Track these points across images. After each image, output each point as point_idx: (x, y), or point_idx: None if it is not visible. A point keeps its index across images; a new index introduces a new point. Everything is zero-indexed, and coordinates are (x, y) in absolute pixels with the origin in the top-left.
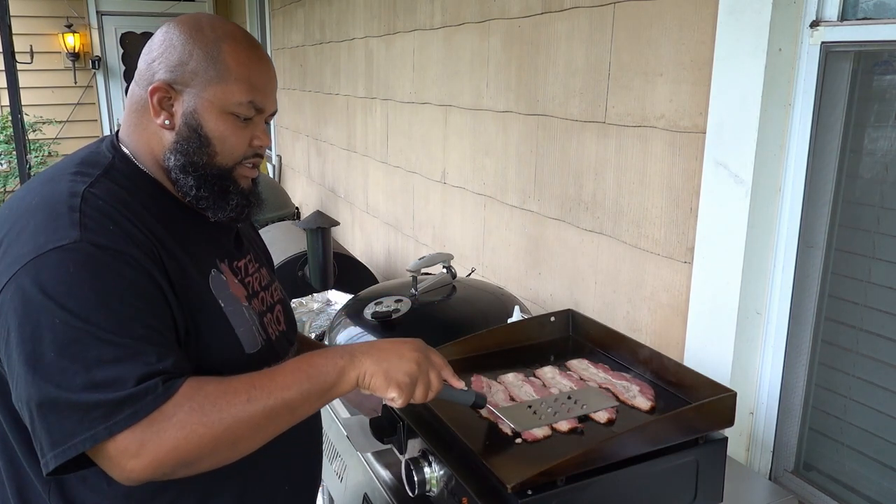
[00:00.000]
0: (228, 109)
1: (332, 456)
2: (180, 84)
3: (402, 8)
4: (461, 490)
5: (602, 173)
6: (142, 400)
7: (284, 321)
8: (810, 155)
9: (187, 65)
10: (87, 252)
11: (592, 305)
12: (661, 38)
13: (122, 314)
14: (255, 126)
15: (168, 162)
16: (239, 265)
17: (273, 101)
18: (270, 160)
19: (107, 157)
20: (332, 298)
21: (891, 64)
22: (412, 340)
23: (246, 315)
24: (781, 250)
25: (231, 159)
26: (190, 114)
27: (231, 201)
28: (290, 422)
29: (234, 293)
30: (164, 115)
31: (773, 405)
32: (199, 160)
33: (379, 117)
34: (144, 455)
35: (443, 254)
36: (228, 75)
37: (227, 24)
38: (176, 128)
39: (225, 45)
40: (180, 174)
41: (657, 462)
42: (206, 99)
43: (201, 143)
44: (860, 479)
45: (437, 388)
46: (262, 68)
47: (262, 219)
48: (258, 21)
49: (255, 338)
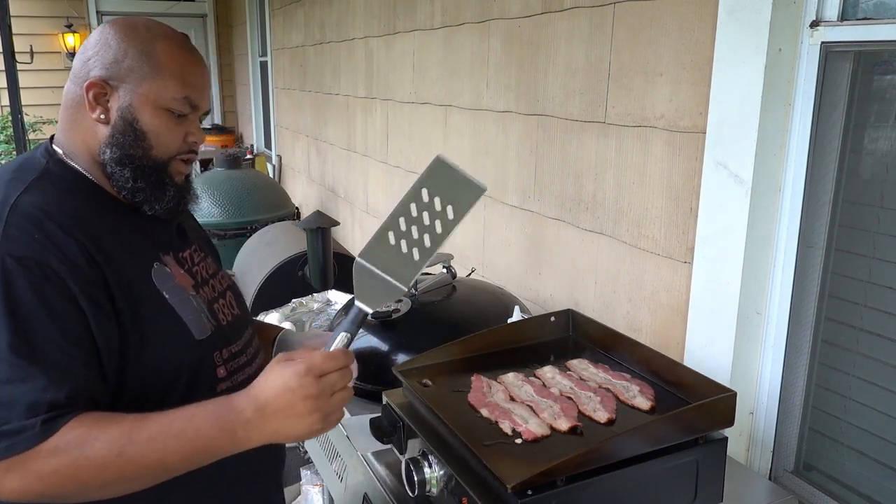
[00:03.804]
0: (163, 105)
1: (332, 456)
2: (115, 80)
3: (402, 8)
4: (461, 490)
5: (602, 173)
6: (18, 436)
7: (237, 306)
8: (810, 155)
9: (122, 62)
10: (3, 263)
11: (592, 305)
12: (661, 38)
13: (26, 332)
14: (190, 123)
15: (104, 156)
16: (184, 256)
17: (207, 100)
18: (270, 160)
19: (41, 162)
20: (332, 298)
21: (891, 64)
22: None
23: (193, 304)
24: (781, 250)
25: (166, 153)
26: (126, 108)
27: (167, 193)
28: (168, 478)
29: (181, 283)
30: (100, 110)
31: (773, 405)
32: (134, 153)
33: (379, 117)
34: (12, 482)
35: (443, 254)
36: (163, 71)
37: (162, 26)
38: (111, 122)
39: (159, 44)
40: (116, 167)
41: (657, 462)
42: (141, 94)
43: (137, 136)
44: (860, 479)
45: (347, 397)
46: (195, 67)
47: (261, 219)
48: (258, 21)
49: (205, 324)
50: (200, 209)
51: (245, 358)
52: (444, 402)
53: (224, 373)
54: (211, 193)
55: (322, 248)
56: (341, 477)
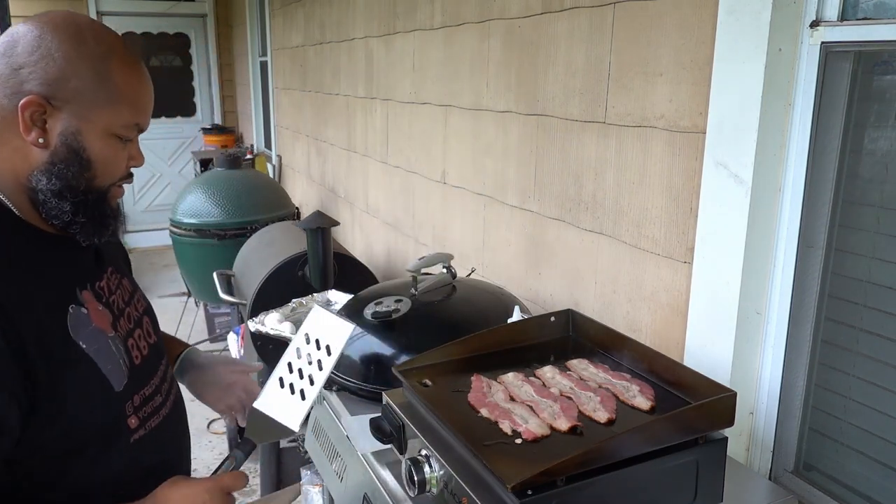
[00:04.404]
0: (114, 132)
1: (332, 456)
2: (59, 101)
3: (402, 8)
4: (461, 490)
5: (602, 173)
6: None
7: (153, 332)
8: (810, 155)
9: (69, 81)
10: None
11: (592, 305)
12: (661, 38)
13: None
14: (132, 146)
15: (38, 184)
16: (101, 286)
17: (149, 119)
18: (270, 160)
19: None
20: (332, 298)
21: (891, 64)
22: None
23: (112, 348)
24: (781, 250)
25: (109, 181)
26: (71, 135)
27: (108, 225)
28: None
29: (98, 325)
30: (37, 133)
31: (773, 405)
32: (77, 184)
33: (379, 117)
34: None
35: (443, 254)
36: (119, 97)
37: (110, 34)
38: (51, 147)
39: (114, 64)
40: (52, 198)
41: (657, 462)
42: (91, 120)
43: (82, 166)
44: (860, 479)
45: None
46: (147, 87)
47: (261, 219)
48: (258, 21)
49: (122, 371)
50: (200, 209)
51: (160, 398)
52: (444, 402)
53: (136, 422)
54: (211, 193)
55: (322, 248)
56: (341, 477)
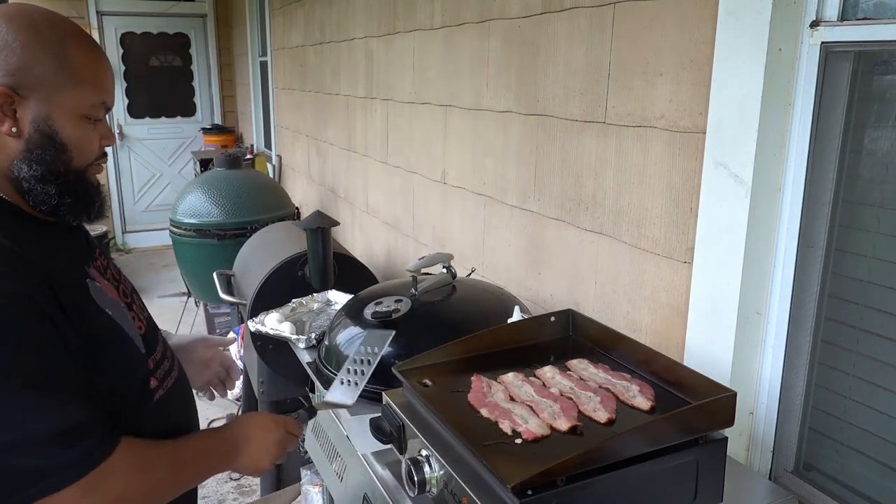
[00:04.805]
0: (82, 112)
1: (332, 456)
2: (25, 89)
3: (402, 8)
4: (461, 490)
5: (602, 173)
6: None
7: (145, 308)
8: (810, 155)
9: (31, 69)
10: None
11: (592, 305)
12: (661, 38)
13: (37, 366)
14: (102, 125)
15: (20, 172)
16: (98, 265)
17: (114, 98)
18: (270, 160)
19: None
20: (332, 298)
21: (891, 64)
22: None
23: (128, 316)
24: (781, 250)
25: (86, 161)
26: (42, 120)
27: (94, 202)
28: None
29: (111, 296)
30: (9, 123)
31: (773, 405)
32: (56, 168)
33: (379, 117)
34: None
35: (443, 254)
36: (80, 78)
37: (62, 19)
38: (25, 136)
39: (70, 47)
40: (37, 184)
41: (657, 462)
42: (58, 104)
43: (57, 150)
44: (860, 479)
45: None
46: (105, 66)
47: (261, 219)
48: (258, 21)
49: (138, 336)
50: (200, 209)
51: (168, 363)
52: (444, 402)
53: (156, 383)
54: (211, 193)
55: (322, 248)
56: (341, 477)
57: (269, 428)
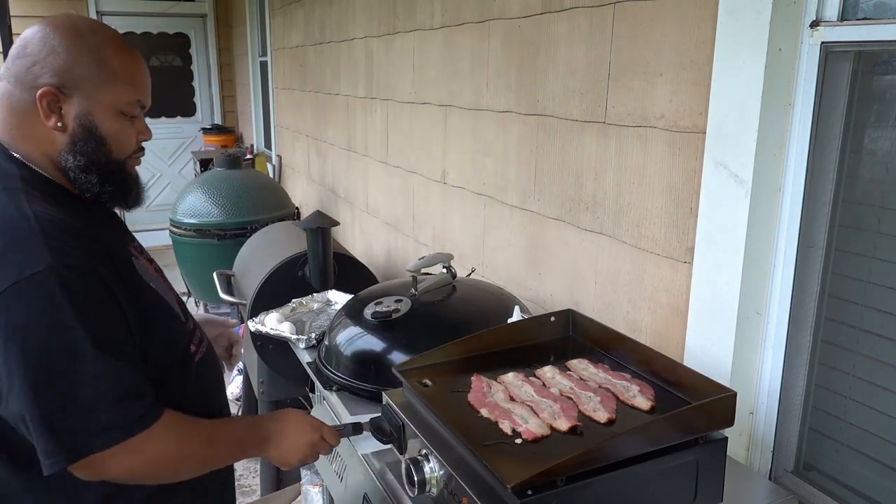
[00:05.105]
0: (119, 109)
1: (332, 456)
2: (69, 88)
3: (402, 8)
4: (461, 490)
5: (602, 173)
6: (121, 427)
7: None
8: (810, 155)
9: (74, 70)
10: (61, 276)
11: (592, 305)
12: (661, 38)
13: (99, 332)
14: (139, 122)
15: (67, 163)
16: (135, 246)
17: (150, 97)
18: (270, 160)
19: (13, 169)
20: (332, 298)
21: (891, 64)
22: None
23: (167, 288)
24: (781, 250)
25: (124, 154)
26: (84, 116)
27: (132, 191)
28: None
29: (151, 272)
30: (55, 118)
31: (773, 405)
32: (98, 158)
33: (379, 117)
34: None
35: (443, 254)
36: (117, 78)
37: (103, 27)
38: (69, 130)
39: (109, 50)
40: (81, 174)
41: (657, 462)
42: (98, 101)
43: (97, 142)
44: (860, 479)
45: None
46: (142, 68)
47: (261, 219)
48: (258, 21)
49: (177, 306)
50: (200, 209)
51: (199, 332)
52: (444, 402)
53: (194, 348)
54: (211, 193)
55: (322, 248)
56: (341, 477)
57: (306, 429)
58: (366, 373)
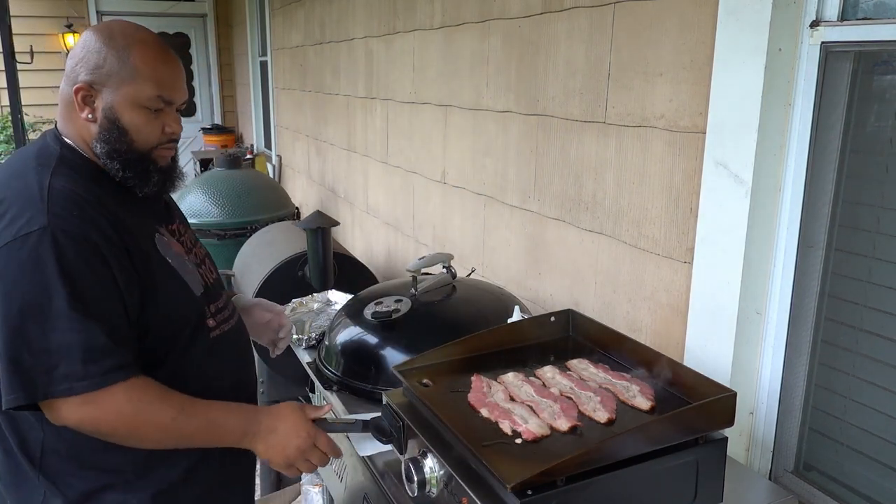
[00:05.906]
0: (140, 103)
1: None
2: (99, 84)
3: (402, 8)
4: (461, 490)
5: (602, 173)
6: (84, 379)
7: (215, 271)
8: (810, 155)
9: (102, 67)
10: (54, 237)
11: (592, 305)
12: (661, 38)
13: (80, 292)
14: (167, 115)
15: (97, 149)
16: (173, 228)
17: (181, 93)
18: (270, 160)
19: (55, 149)
20: (332, 298)
21: (891, 64)
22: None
23: (189, 265)
24: (781, 250)
25: (147, 145)
26: (109, 109)
27: (152, 179)
28: (185, 447)
29: (176, 250)
30: (88, 110)
31: (773, 405)
32: (119, 147)
33: (379, 117)
34: (81, 413)
35: (443, 254)
36: (138, 75)
37: (139, 30)
38: (98, 121)
39: (134, 50)
40: (107, 160)
41: (657, 462)
42: (120, 96)
43: (120, 133)
44: (860, 479)
45: (309, 469)
46: (167, 67)
47: (261, 219)
48: (258, 21)
49: (199, 283)
50: (200, 209)
51: (227, 312)
52: (444, 402)
53: (213, 324)
54: (211, 193)
55: (322, 248)
56: (341, 477)
57: (299, 433)
58: (366, 373)
